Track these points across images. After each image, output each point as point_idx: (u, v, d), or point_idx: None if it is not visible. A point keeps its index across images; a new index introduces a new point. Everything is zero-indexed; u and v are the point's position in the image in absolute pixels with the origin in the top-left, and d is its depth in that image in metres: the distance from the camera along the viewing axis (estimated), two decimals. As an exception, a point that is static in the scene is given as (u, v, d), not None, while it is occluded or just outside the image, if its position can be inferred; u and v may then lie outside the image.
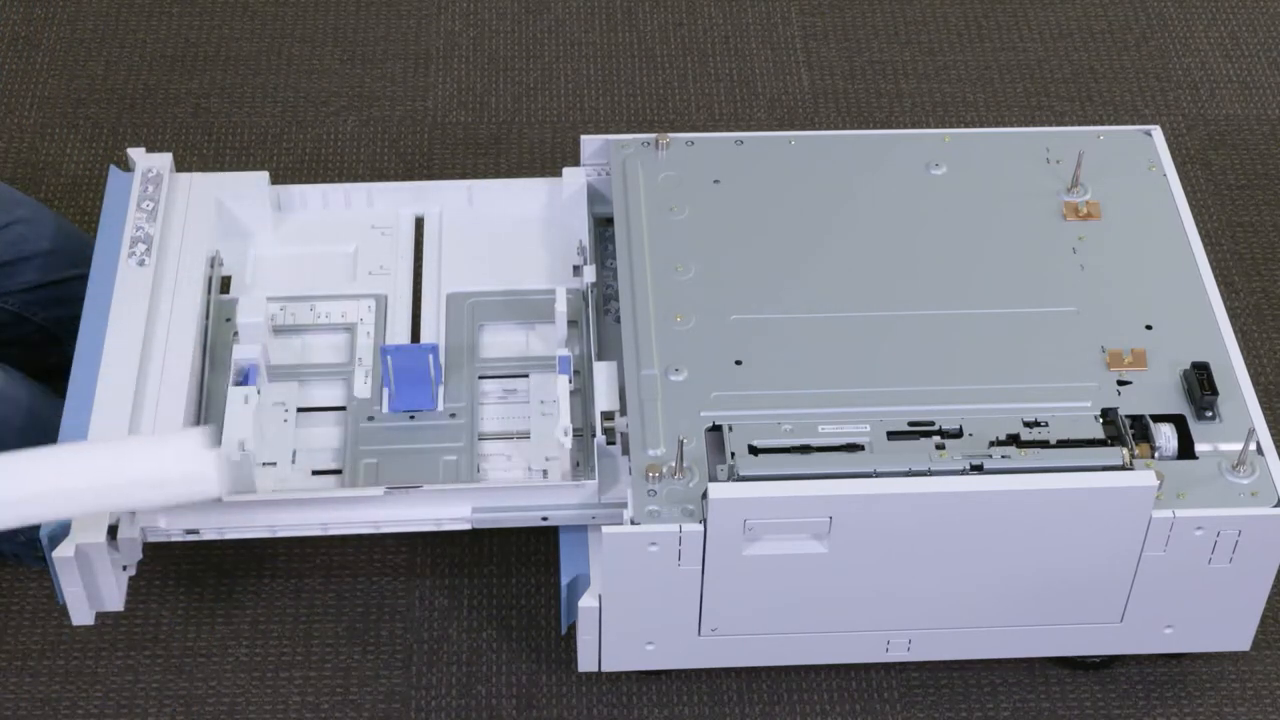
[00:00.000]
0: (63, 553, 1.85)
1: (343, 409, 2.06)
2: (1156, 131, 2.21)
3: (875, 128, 2.71)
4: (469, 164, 2.65)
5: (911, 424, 1.90)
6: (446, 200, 2.23)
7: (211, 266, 2.13)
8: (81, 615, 1.93)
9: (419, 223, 2.23)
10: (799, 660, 2.01)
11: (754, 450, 1.87)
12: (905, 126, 2.73)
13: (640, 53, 2.84)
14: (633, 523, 1.83)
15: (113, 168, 2.17)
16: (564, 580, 1.92)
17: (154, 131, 2.67)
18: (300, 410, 2.06)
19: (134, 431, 1.94)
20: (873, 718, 2.05)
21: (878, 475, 1.84)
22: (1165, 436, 1.90)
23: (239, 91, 2.75)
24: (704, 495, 1.82)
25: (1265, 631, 2.11)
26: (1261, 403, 2.12)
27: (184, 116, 2.69)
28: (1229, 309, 2.19)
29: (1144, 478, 1.83)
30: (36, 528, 2.05)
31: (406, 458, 2.00)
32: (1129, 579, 1.91)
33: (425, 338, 2.10)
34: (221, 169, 2.62)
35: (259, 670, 2.08)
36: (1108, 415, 1.92)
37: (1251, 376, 2.01)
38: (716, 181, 2.14)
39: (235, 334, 2.07)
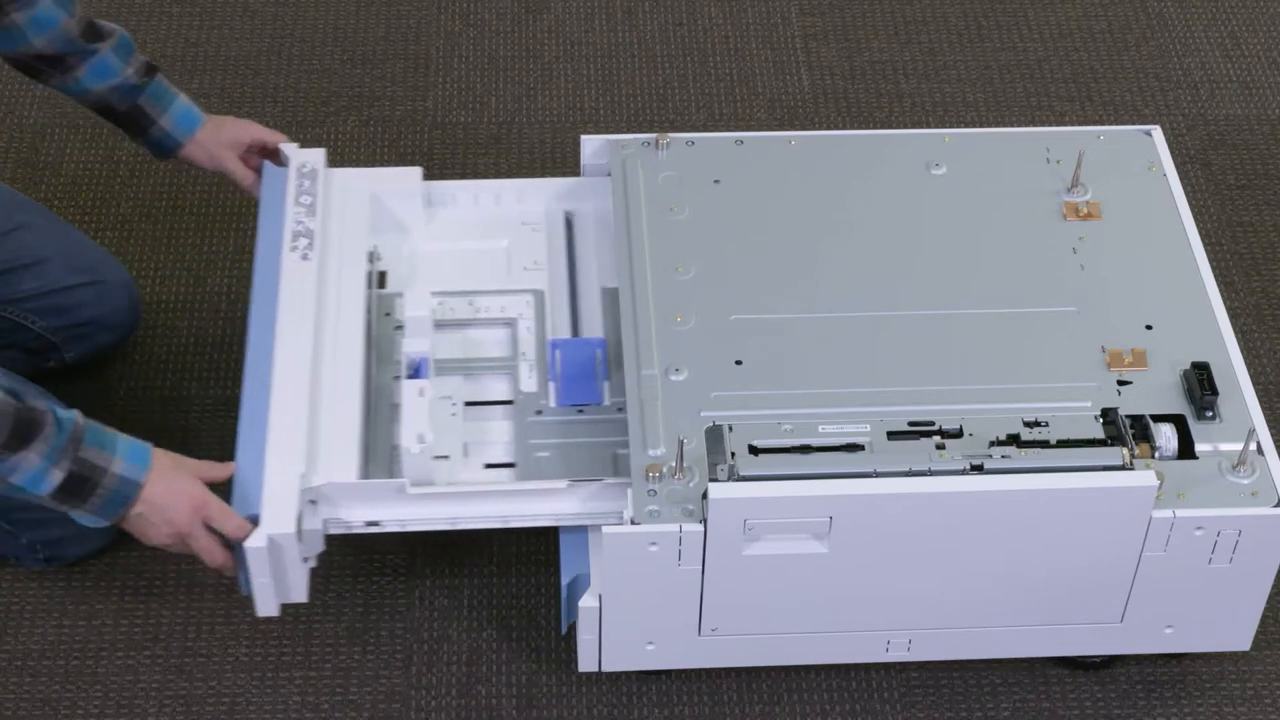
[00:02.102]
0: (254, 543, 1.85)
1: (510, 403, 2.06)
2: (1157, 131, 2.21)
3: (875, 128, 2.71)
4: (469, 164, 2.65)
5: (912, 424, 1.90)
6: (598, 196, 2.23)
7: (369, 261, 2.14)
8: (267, 606, 1.92)
9: (569, 219, 2.23)
10: (799, 660, 2.01)
11: (754, 450, 1.87)
12: (905, 126, 2.73)
13: (640, 53, 2.84)
14: (633, 523, 1.83)
15: (266, 163, 2.17)
16: (564, 580, 1.92)
17: (154, 131, 2.67)
18: (467, 404, 2.06)
19: (314, 421, 1.94)
20: (873, 718, 2.05)
21: (878, 475, 1.84)
22: (1165, 436, 1.90)
23: (239, 91, 2.75)
24: (704, 495, 1.82)
25: (1265, 631, 2.11)
26: (1261, 403, 2.12)
27: (184, 116, 2.69)
28: (1229, 309, 2.19)
29: (1144, 478, 1.83)
30: (38, 530, 2.07)
31: (579, 451, 2.00)
32: (1129, 579, 1.91)
33: (585, 332, 2.11)
34: (221, 169, 2.62)
35: (259, 670, 2.08)
36: (1108, 415, 1.92)
37: (1251, 376, 2.01)
38: (717, 181, 2.14)
39: (399, 328, 2.08)
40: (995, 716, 2.06)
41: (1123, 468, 1.86)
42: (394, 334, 2.09)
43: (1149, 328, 2.00)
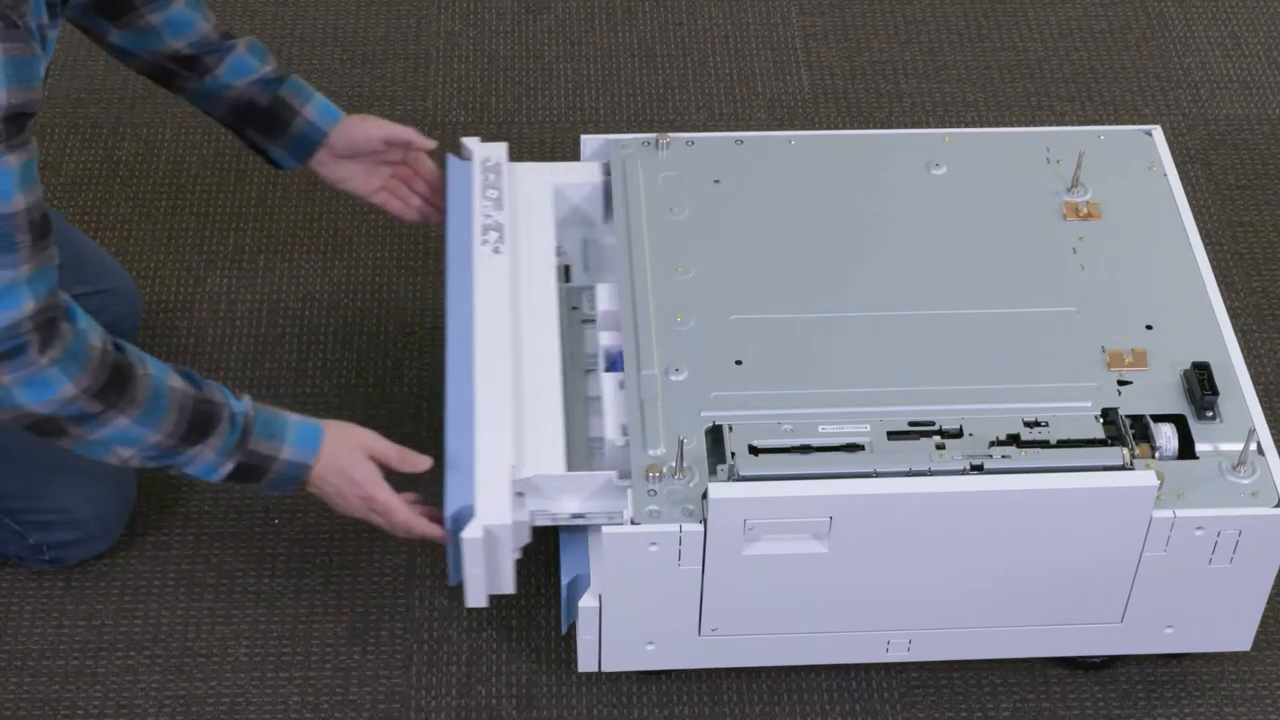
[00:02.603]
0: (471, 534, 1.86)
1: None
2: (1157, 131, 2.21)
3: (875, 128, 2.71)
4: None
5: (912, 424, 1.90)
6: None
7: (556, 254, 2.14)
8: (477, 597, 1.93)
9: None
10: (799, 660, 2.01)
11: (754, 450, 1.87)
12: (905, 126, 2.73)
13: (640, 53, 2.84)
14: (633, 523, 1.83)
15: (450, 156, 2.17)
16: (564, 580, 1.92)
17: (154, 131, 2.67)
18: None
19: (518, 413, 1.95)
20: (873, 718, 2.05)
21: (878, 475, 1.84)
22: (1166, 436, 1.90)
23: (239, 91, 2.74)
24: (704, 495, 1.82)
25: (1265, 632, 2.11)
26: (1262, 403, 2.12)
27: (184, 116, 2.69)
28: (1229, 309, 2.19)
29: (1144, 478, 1.83)
30: (46, 532, 2.07)
31: None
32: (1129, 579, 1.91)
33: None
34: (221, 169, 2.62)
35: (259, 670, 2.08)
36: (1108, 415, 1.92)
37: (1251, 376, 2.01)
38: (717, 181, 2.14)
39: (586, 321, 2.09)
40: (995, 716, 2.05)
41: (1123, 468, 1.86)
42: (581, 328, 2.10)
43: (1149, 328, 2.00)
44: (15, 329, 1.72)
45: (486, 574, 1.91)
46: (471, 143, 2.17)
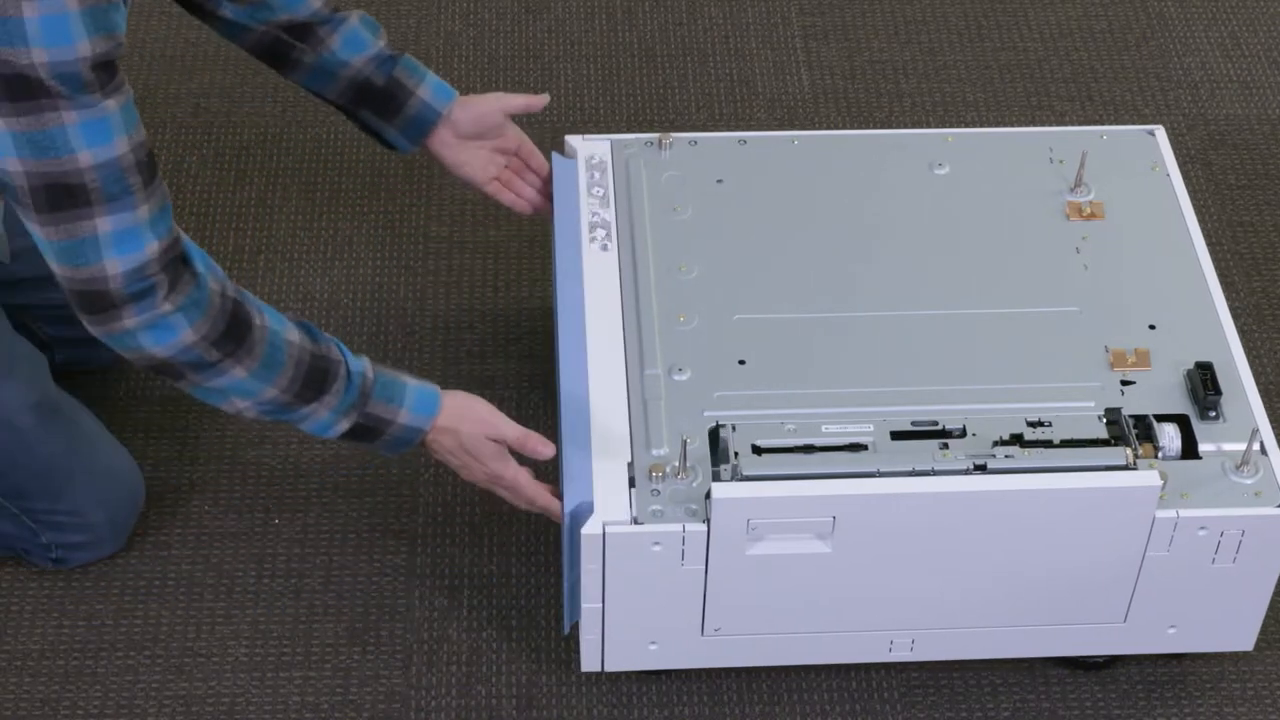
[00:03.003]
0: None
1: None
2: (1160, 131, 2.21)
3: (875, 128, 2.71)
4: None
5: (915, 424, 1.90)
6: None
7: None
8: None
9: None
10: (802, 660, 2.01)
11: (757, 450, 1.87)
12: (905, 126, 2.72)
13: (640, 53, 2.83)
14: (636, 522, 1.82)
15: (555, 154, 2.17)
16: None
17: (154, 131, 2.67)
18: None
19: (632, 410, 1.95)
20: (873, 718, 2.05)
21: (881, 475, 1.84)
22: (1169, 436, 1.90)
23: (239, 91, 2.74)
24: (707, 495, 1.82)
25: (1266, 632, 2.11)
26: (1264, 403, 2.12)
27: (184, 116, 2.68)
28: (1229, 309, 2.19)
29: (1147, 478, 1.83)
30: (58, 533, 2.07)
31: None
32: (1132, 579, 1.91)
33: None
34: (221, 169, 2.62)
35: (259, 670, 2.07)
36: (1111, 415, 1.92)
37: (1253, 376, 2.01)
38: (719, 181, 2.13)
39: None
40: (995, 716, 2.05)
41: (1126, 468, 1.86)
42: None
43: (1152, 327, 2.00)
44: (143, 271, 1.72)
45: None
46: (576, 140, 2.17)
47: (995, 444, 1.88)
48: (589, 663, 1.96)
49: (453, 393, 1.95)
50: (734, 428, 1.88)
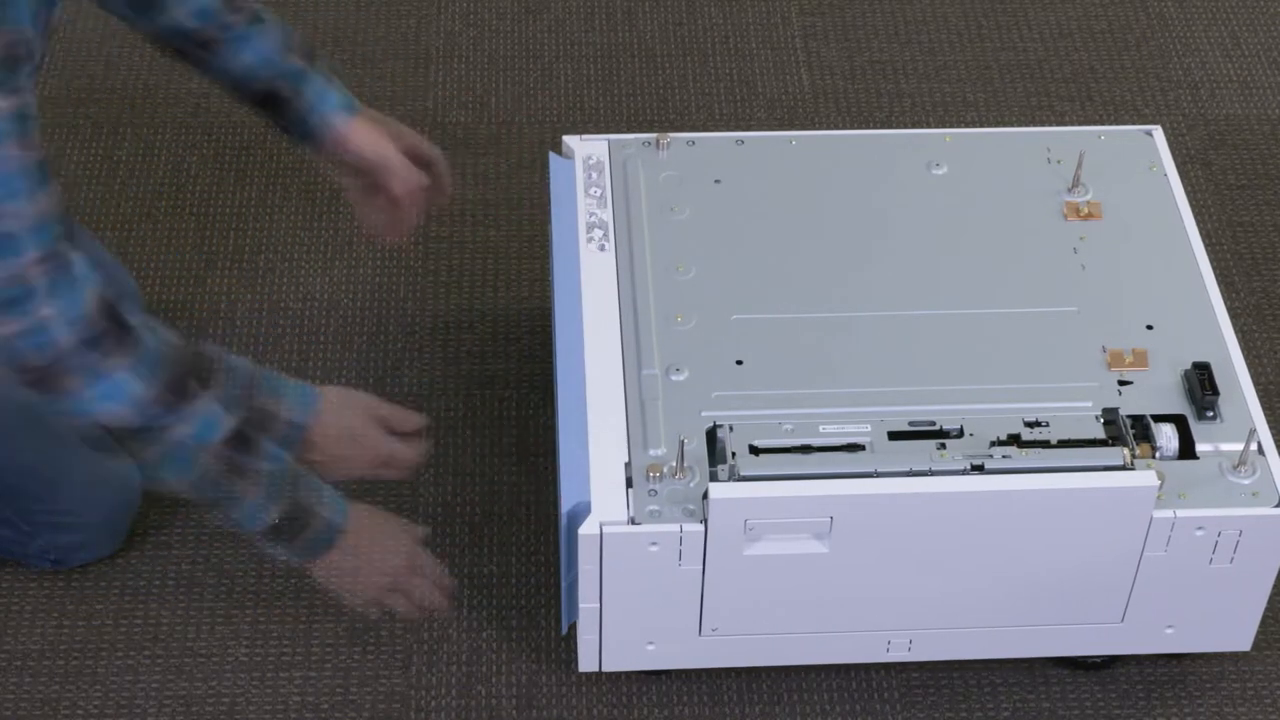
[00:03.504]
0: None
1: None
2: (1157, 131, 2.21)
3: (875, 128, 2.71)
4: (469, 164, 2.65)
5: (912, 424, 1.90)
6: None
7: None
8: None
9: None
10: (800, 660, 2.01)
11: (755, 450, 1.87)
12: (905, 126, 2.72)
13: (640, 53, 2.84)
14: (633, 523, 1.82)
15: (552, 154, 2.17)
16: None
17: (154, 131, 2.67)
18: None
19: (630, 409, 1.95)
20: (873, 718, 2.05)
21: (879, 475, 1.84)
22: (1166, 436, 1.90)
23: (239, 91, 2.74)
24: (705, 495, 1.82)
25: (1266, 632, 2.11)
26: (1262, 403, 2.12)
27: (184, 116, 2.69)
28: (1229, 309, 2.19)
29: (1145, 478, 1.83)
30: (53, 535, 2.07)
31: None
32: (1130, 579, 1.91)
33: None
34: (221, 169, 2.62)
35: (259, 670, 2.07)
36: (1109, 415, 1.92)
37: (1252, 376, 2.01)
38: (717, 181, 2.14)
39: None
40: (995, 716, 2.05)
41: (1123, 468, 1.86)
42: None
43: (1150, 328, 2.00)
44: (20, 276, 1.68)
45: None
46: (573, 140, 2.17)
47: (993, 444, 1.88)
48: (586, 663, 1.97)
49: (329, 387, 1.95)
50: (731, 428, 1.88)
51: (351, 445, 1.94)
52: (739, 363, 1.95)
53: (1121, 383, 1.95)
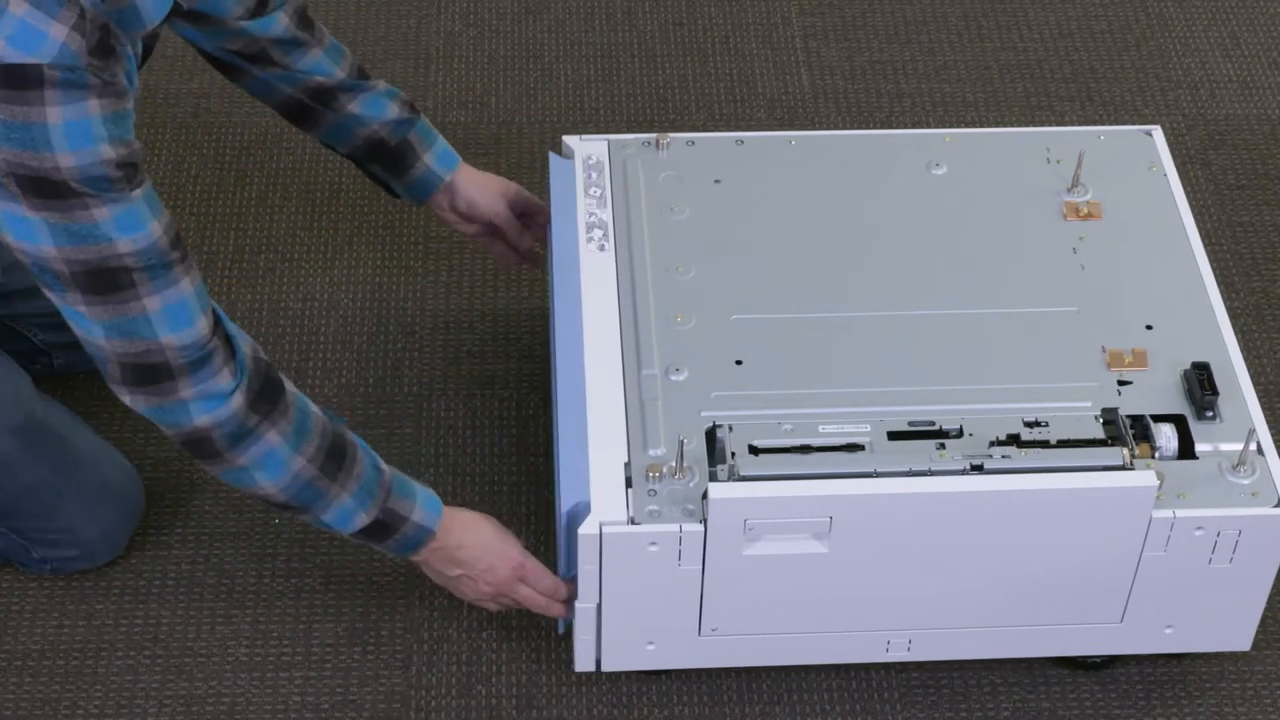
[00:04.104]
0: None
1: None
2: (1157, 131, 2.21)
3: (875, 128, 2.71)
4: (469, 164, 2.64)
5: (912, 424, 1.90)
6: None
7: None
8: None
9: None
10: (799, 660, 2.01)
11: (754, 450, 1.87)
12: (905, 126, 2.73)
13: (640, 53, 2.84)
14: (633, 522, 1.83)
15: (552, 155, 2.18)
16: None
17: (154, 131, 2.67)
18: None
19: (630, 409, 1.96)
20: (873, 718, 2.05)
21: (878, 475, 1.84)
22: (1166, 436, 1.90)
23: (239, 92, 2.72)
24: (704, 495, 1.82)
25: (1265, 631, 2.11)
26: (1262, 403, 2.12)
27: (184, 116, 2.69)
28: (1229, 309, 2.19)
29: (1144, 478, 1.83)
30: (51, 549, 2.08)
31: None
32: (1129, 579, 1.91)
33: None
34: (221, 169, 2.62)
35: (259, 670, 2.08)
36: (1108, 415, 1.92)
37: (1251, 376, 2.01)
38: (717, 181, 2.14)
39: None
40: (995, 716, 2.05)
41: (1123, 468, 1.86)
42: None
43: (1149, 328, 2.00)
44: (202, 343, 1.75)
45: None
46: (573, 141, 2.18)
47: (992, 444, 1.88)
48: (582, 663, 1.97)
49: (470, 513, 1.98)
50: (731, 428, 1.88)
51: (491, 573, 1.97)
52: (739, 363, 1.95)
53: (1121, 383, 1.95)
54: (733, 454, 1.86)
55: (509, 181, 2.24)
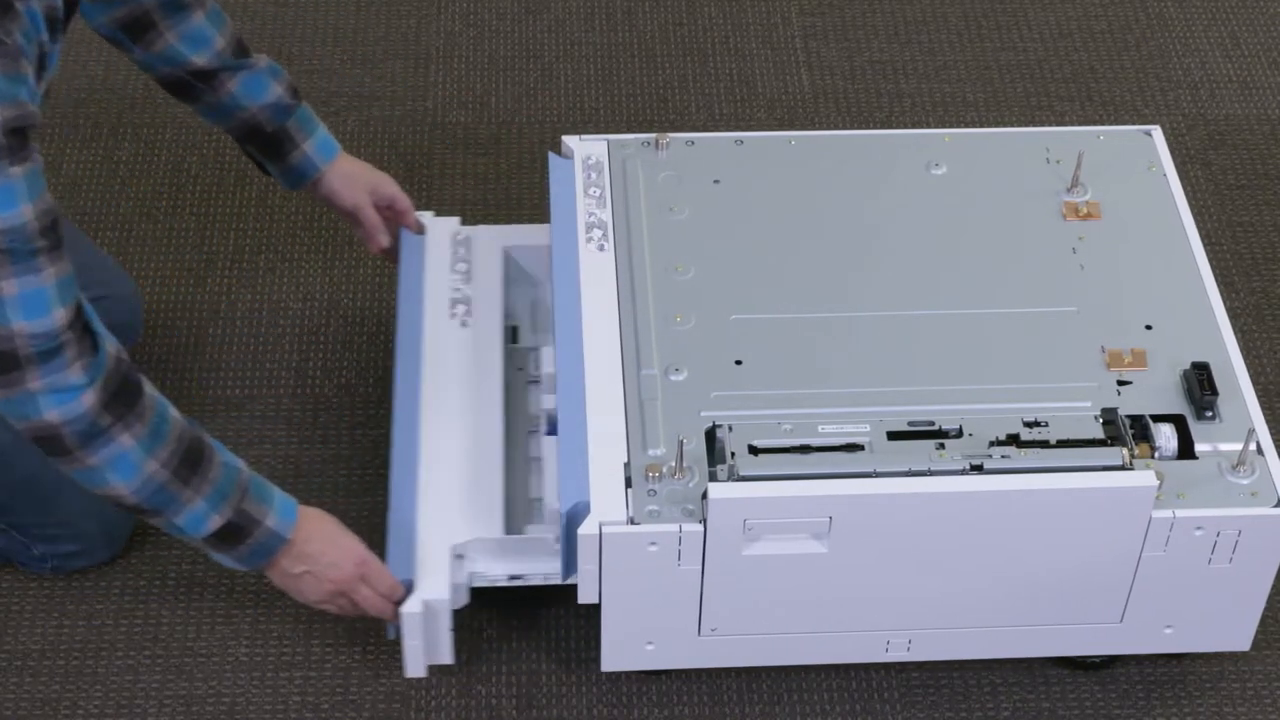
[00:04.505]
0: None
1: None
2: (1156, 131, 2.21)
3: (875, 128, 2.71)
4: (469, 164, 2.65)
5: (911, 424, 1.90)
6: None
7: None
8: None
9: None
10: (799, 660, 2.01)
11: (754, 450, 1.87)
12: (905, 126, 2.73)
13: (640, 53, 2.84)
14: (632, 523, 1.83)
15: (552, 155, 2.18)
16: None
17: (154, 131, 2.67)
18: None
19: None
20: (873, 718, 2.05)
21: (878, 475, 1.84)
22: (1165, 436, 1.90)
23: (239, 91, 2.74)
24: (704, 495, 1.82)
25: (1265, 631, 2.11)
26: (1261, 403, 2.12)
27: (184, 116, 2.69)
28: (1229, 309, 2.19)
29: (1144, 478, 1.83)
30: (50, 545, 2.07)
31: None
32: (1129, 579, 1.91)
33: None
34: (221, 169, 2.62)
35: (259, 670, 2.08)
36: (1108, 415, 1.92)
37: (1251, 376, 2.01)
38: (716, 181, 2.14)
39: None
40: (995, 716, 2.06)
41: (1122, 468, 1.86)
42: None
43: (1149, 328, 2.00)
44: (54, 334, 1.72)
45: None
46: (572, 141, 2.18)
47: (991, 444, 1.88)
48: (413, 669, 1.97)
49: (313, 510, 1.95)
50: (730, 428, 1.88)
51: (334, 570, 1.93)
52: (738, 363, 1.95)
53: (1120, 383, 1.95)
54: (732, 454, 1.86)
55: (380, 175, 2.23)
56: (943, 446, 1.87)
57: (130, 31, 2.04)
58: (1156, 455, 1.89)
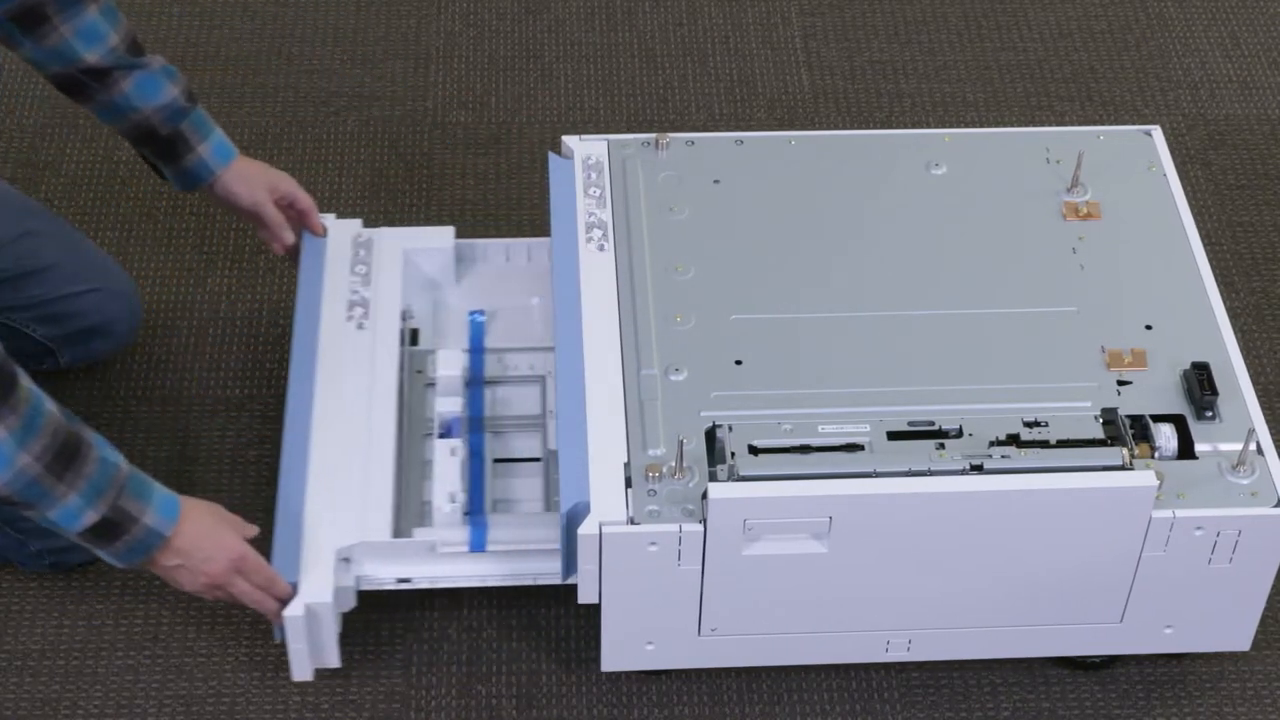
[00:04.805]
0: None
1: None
2: (1156, 131, 2.21)
3: (875, 128, 2.71)
4: (469, 164, 2.65)
5: (911, 424, 1.90)
6: None
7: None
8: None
9: None
10: (799, 660, 2.01)
11: (754, 450, 1.87)
12: (905, 126, 2.73)
13: (640, 53, 2.84)
14: (632, 522, 1.83)
15: (552, 155, 2.17)
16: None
17: (154, 131, 2.67)
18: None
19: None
20: (873, 718, 2.05)
21: (878, 475, 1.84)
22: (1165, 436, 1.90)
23: (239, 91, 2.75)
24: (704, 495, 1.82)
25: (1265, 631, 2.11)
26: (1261, 403, 2.12)
27: (184, 116, 2.69)
28: (1229, 309, 2.19)
29: (1144, 478, 1.83)
30: (46, 539, 2.07)
31: None
32: (1129, 579, 1.91)
33: None
34: (221, 169, 2.62)
35: (259, 670, 2.08)
36: (1108, 415, 1.92)
37: (1251, 376, 2.01)
38: (716, 181, 2.14)
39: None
40: (995, 716, 2.06)
41: (1122, 468, 1.86)
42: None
43: (1149, 328, 2.00)
44: None
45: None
46: (572, 141, 2.18)
47: (991, 444, 1.88)
48: (299, 672, 1.96)
49: (197, 500, 1.92)
50: (730, 428, 1.88)
51: (208, 563, 1.90)
52: (738, 363, 1.95)
53: (1120, 383, 1.95)
54: (732, 454, 1.86)
55: (278, 173, 2.22)
56: (943, 446, 1.87)
57: (22, 24, 2.00)
58: (1156, 455, 1.89)
